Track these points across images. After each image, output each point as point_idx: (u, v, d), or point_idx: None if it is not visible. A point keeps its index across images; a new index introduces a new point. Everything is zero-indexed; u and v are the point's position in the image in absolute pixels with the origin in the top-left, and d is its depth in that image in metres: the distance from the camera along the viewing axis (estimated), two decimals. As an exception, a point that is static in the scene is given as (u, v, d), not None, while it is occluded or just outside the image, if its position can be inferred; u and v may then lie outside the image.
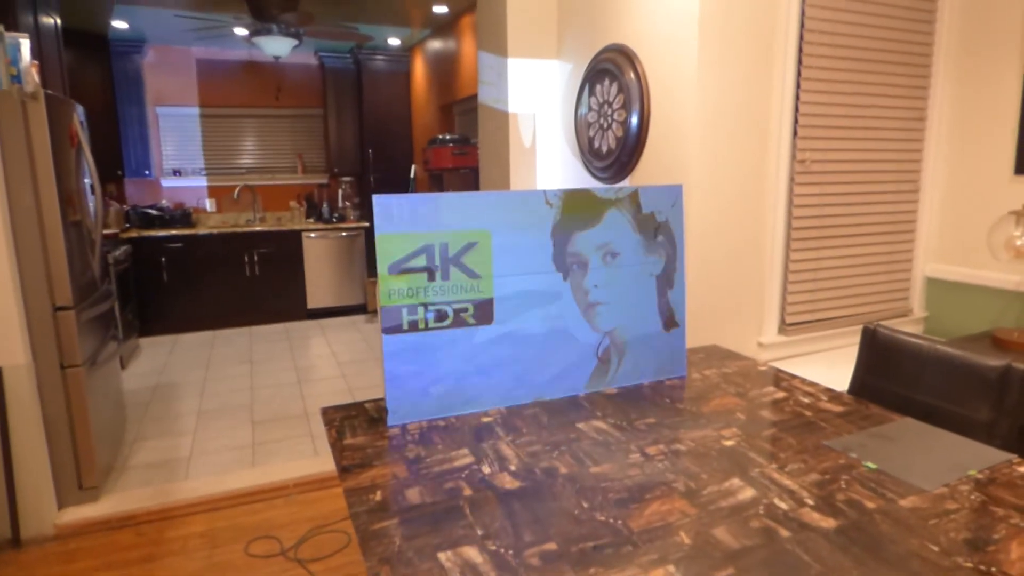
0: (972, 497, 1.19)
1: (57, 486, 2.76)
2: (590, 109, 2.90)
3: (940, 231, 2.97)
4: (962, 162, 2.86)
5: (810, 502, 1.18)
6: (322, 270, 6.35)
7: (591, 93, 2.88)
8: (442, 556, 1.02)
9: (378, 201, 1.44)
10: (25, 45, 2.66)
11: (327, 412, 1.61)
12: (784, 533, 1.08)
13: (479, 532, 1.08)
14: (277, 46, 4.77)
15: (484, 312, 1.58)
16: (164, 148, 6.46)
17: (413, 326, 1.51)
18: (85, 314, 2.88)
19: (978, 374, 1.64)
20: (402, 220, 1.47)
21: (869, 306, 2.90)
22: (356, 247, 6.48)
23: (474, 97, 3.75)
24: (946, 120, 2.88)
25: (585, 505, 1.17)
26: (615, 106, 2.71)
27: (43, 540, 2.64)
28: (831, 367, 2.54)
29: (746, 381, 1.83)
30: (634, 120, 2.60)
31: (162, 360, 5.15)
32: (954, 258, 2.93)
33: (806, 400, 1.69)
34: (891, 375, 1.85)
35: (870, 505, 1.16)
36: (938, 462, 1.33)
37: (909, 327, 2.98)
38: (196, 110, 6.51)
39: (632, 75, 2.59)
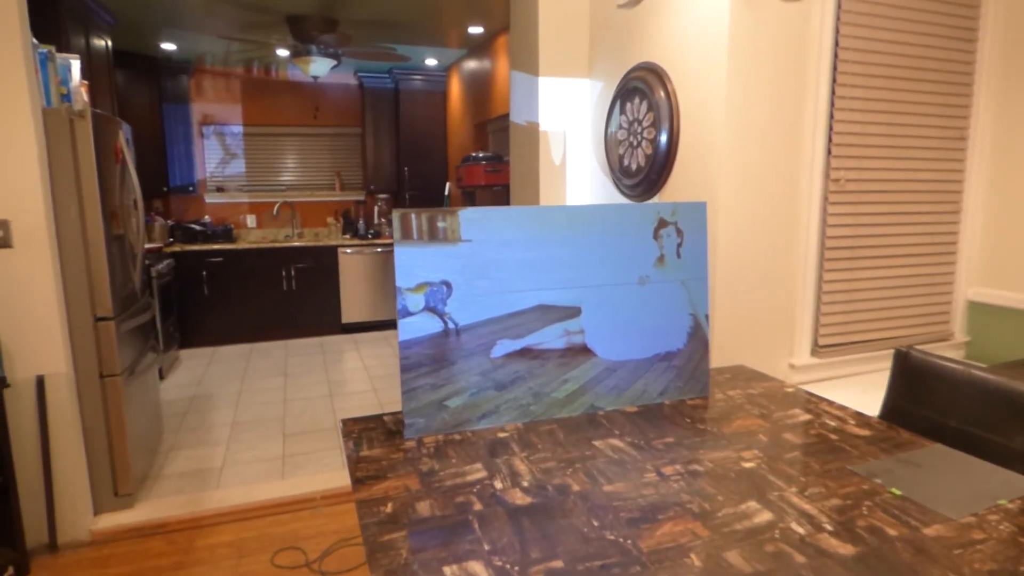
0: (1001, 527, 1.14)
1: (94, 493, 2.84)
2: (620, 127, 2.90)
3: (983, 254, 2.87)
4: (1007, 183, 2.77)
5: (829, 527, 1.14)
6: (357, 285, 6.44)
7: (621, 111, 2.88)
8: (447, 570, 1.01)
9: (397, 215, 1.47)
10: (75, 66, 2.78)
11: (347, 424, 1.63)
12: (799, 559, 1.05)
13: (486, 547, 1.08)
14: (317, 67, 4.90)
15: (503, 326, 1.58)
16: (208, 165, 6.66)
17: (431, 339, 1.52)
18: (125, 325, 2.97)
19: (1014, 400, 1.58)
20: (421, 234, 1.49)
21: (907, 329, 2.81)
22: (391, 263, 6.56)
23: (508, 115, 3.78)
24: (989, 140, 2.80)
25: (595, 524, 1.15)
26: (645, 124, 2.70)
27: (78, 545, 2.71)
28: (866, 392, 2.47)
29: (771, 403, 1.79)
30: (663, 138, 2.59)
31: (200, 371, 5.27)
32: (998, 282, 2.83)
33: (833, 424, 1.64)
34: (924, 400, 1.79)
35: (892, 532, 1.13)
36: (967, 490, 1.28)
37: (950, 352, 2.88)
38: (239, 128, 6.71)
39: (662, 93, 2.58)
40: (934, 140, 2.71)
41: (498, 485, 1.30)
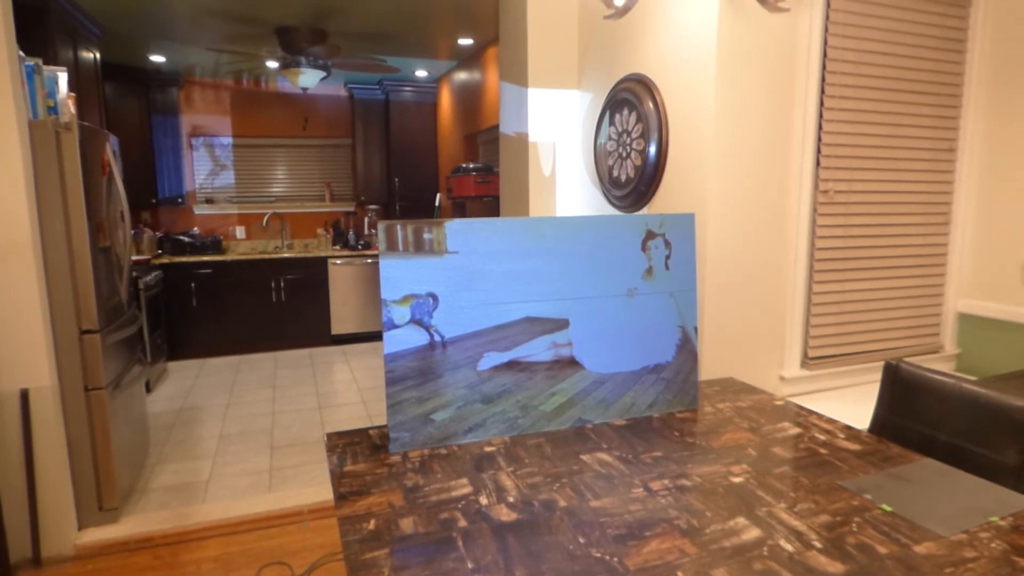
0: (992, 545, 1.12)
1: (78, 507, 2.80)
2: (609, 138, 2.90)
3: (972, 266, 2.88)
4: (996, 195, 2.78)
5: (818, 545, 1.13)
6: (347, 296, 6.41)
7: (610, 122, 2.88)
8: (429, 590, 1.00)
9: (382, 227, 1.45)
10: (63, 78, 2.76)
11: (331, 438, 1.61)
12: (788, 576, 1.03)
13: (470, 565, 1.06)
14: (306, 78, 4.89)
15: (490, 338, 1.57)
16: (197, 177, 6.64)
17: (417, 351, 1.50)
18: (111, 338, 2.93)
19: (1005, 414, 1.57)
20: (407, 245, 1.47)
21: (898, 341, 2.81)
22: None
23: (498, 126, 3.78)
24: (978, 152, 2.81)
25: (581, 540, 1.13)
26: (634, 135, 2.70)
27: (62, 560, 2.67)
28: (856, 404, 2.46)
29: (760, 416, 1.78)
30: (652, 149, 2.59)
31: (188, 384, 5.22)
32: (988, 294, 2.83)
33: (822, 437, 1.63)
34: (914, 413, 1.78)
35: (882, 550, 1.11)
36: (958, 506, 1.27)
37: (940, 364, 2.88)
38: (228, 140, 6.69)
39: (651, 104, 2.58)
40: (923, 151, 2.72)
41: (483, 501, 1.28)
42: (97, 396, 2.80)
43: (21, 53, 2.57)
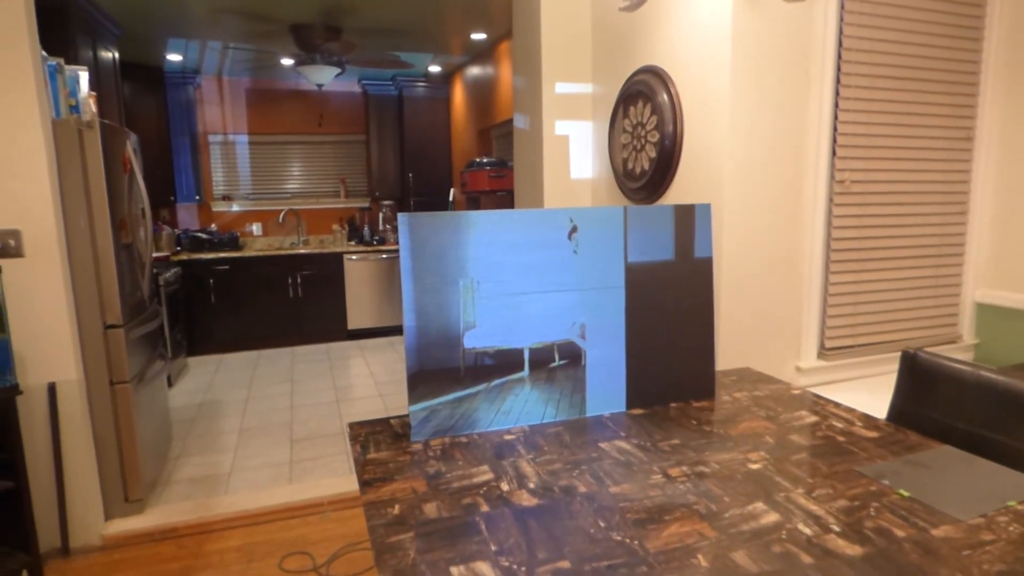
0: (1011, 529, 1.13)
1: (105, 498, 2.86)
2: (623, 130, 2.91)
3: (991, 255, 2.86)
4: (1013, 184, 2.76)
5: (836, 528, 1.14)
6: (362, 292, 6.46)
7: (624, 115, 2.89)
8: (455, 570, 1.02)
9: (403, 219, 1.48)
10: (84, 77, 2.81)
11: (353, 427, 1.64)
12: (806, 559, 1.05)
13: (493, 548, 1.08)
14: (321, 75, 4.93)
15: (508, 328, 1.59)
16: (214, 174, 6.71)
17: (437, 342, 1.53)
18: (134, 332, 2.99)
19: (1022, 402, 1.57)
20: (427, 237, 1.50)
21: (915, 331, 2.81)
22: (396, 269, 6.59)
23: (511, 121, 3.80)
24: (995, 139, 2.79)
25: (602, 524, 1.16)
26: (648, 127, 2.71)
27: (90, 550, 2.73)
28: (873, 394, 2.46)
29: (778, 404, 1.79)
30: (667, 141, 2.59)
31: (208, 379, 5.30)
32: (1006, 283, 2.82)
33: (840, 425, 1.64)
34: (932, 402, 1.78)
35: (900, 533, 1.12)
36: (976, 491, 1.27)
37: (958, 354, 2.87)
38: (245, 137, 6.75)
39: (665, 96, 2.59)
40: (940, 140, 2.70)
41: (504, 487, 1.30)
42: (122, 390, 2.86)
43: (44, 53, 2.62)
